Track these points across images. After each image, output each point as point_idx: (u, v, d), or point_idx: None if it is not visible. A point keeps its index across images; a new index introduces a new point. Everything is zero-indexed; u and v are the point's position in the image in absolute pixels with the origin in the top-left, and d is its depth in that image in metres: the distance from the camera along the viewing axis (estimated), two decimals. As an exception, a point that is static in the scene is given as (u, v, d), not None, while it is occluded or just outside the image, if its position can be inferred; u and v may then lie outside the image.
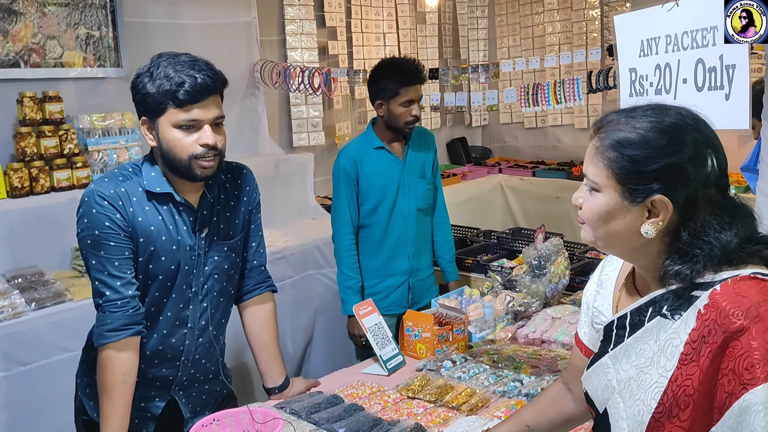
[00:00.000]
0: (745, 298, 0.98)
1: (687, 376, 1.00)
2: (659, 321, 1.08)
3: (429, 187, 2.81)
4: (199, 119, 1.59)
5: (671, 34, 1.95)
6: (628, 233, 1.08)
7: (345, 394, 1.96)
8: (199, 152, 1.60)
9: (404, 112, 2.62)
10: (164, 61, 1.59)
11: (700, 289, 1.03)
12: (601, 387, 1.18)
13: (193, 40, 3.50)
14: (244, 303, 1.93)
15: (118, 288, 1.61)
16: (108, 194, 1.61)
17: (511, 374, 2.02)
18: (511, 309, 2.45)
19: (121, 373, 1.61)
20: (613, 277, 1.28)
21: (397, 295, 2.76)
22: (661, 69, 1.99)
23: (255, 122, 3.96)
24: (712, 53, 1.85)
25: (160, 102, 1.57)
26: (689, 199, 1.05)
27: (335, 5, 4.65)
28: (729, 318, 0.97)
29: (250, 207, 1.87)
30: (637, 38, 2.08)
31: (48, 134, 2.82)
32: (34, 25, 2.91)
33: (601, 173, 1.09)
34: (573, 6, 5.31)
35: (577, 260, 3.16)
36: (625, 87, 2.17)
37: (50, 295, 2.46)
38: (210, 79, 1.58)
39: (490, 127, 6.12)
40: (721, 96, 1.81)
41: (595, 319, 1.29)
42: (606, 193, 1.09)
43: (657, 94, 2.01)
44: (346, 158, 2.68)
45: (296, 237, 3.43)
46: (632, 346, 1.12)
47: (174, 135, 1.59)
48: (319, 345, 3.48)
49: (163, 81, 1.55)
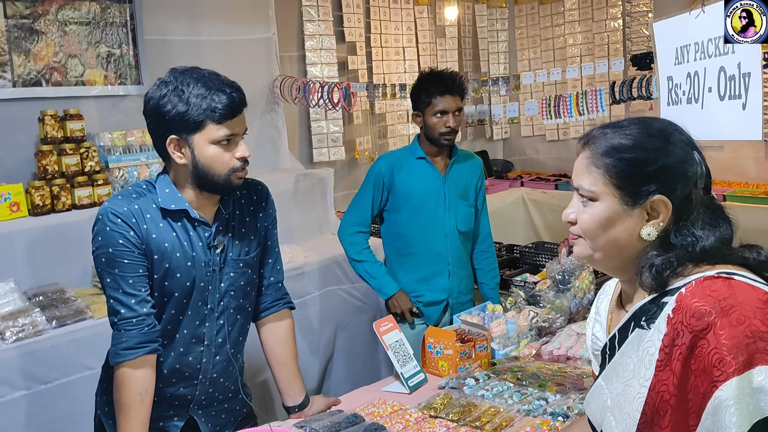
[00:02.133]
0: (709, 296, 0.98)
1: (663, 382, 1.00)
2: (638, 333, 1.08)
3: (471, 211, 2.79)
4: (236, 133, 1.62)
5: (699, 42, 1.91)
6: (629, 239, 1.09)
7: (366, 412, 1.92)
8: (238, 165, 1.64)
9: (438, 122, 2.61)
10: (187, 78, 1.58)
11: (669, 295, 1.04)
12: (599, 409, 1.18)
13: (213, 56, 3.52)
14: (262, 320, 1.91)
15: (132, 306, 1.60)
16: (121, 212, 1.60)
17: (535, 392, 1.96)
18: (534, 325, 2.39)
19: (138, 392, 1.59)
20: (606, 302, 1.30)
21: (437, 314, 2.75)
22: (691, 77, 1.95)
23: (275, 138, 3.97)
24: (732, 61, 1.81)
25: (197, 119, 1.57)
26: (685, 199, 1.07)
27: (354, 20, 4.66)
28: (694, 317, 0.97)
29: (267, 223, 1.85)
30: (673, 45, 2.04)
31: (69, 152, 2.84)
32: (55, 44, 2.95)
33: (598, 181, 1.10)
34: (594, 17, 5.26)
35: (602, 274, 3.09)
36: (664, 96, 2.13)
37: (71, 313, 2.46)
38: (242, 94, 1.63)
39: (512, 140, 6.08)
40: (739, 106, 1.77)
41: (594, 347, 1.29)
42: (604, 200, 1.09)
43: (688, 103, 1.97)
44: (384, 162, 2.71)
45: (316, 252, 3.41)
46: (619, 362, 1.12)
47: (213, 151, 1.61)
48: (340, 362, 3.44)
49: (198, 99, 1.56)
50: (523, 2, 5.75)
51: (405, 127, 5.03)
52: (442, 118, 2.60)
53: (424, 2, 5.16)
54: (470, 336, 2.27)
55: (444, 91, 2.59)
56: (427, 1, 5.18)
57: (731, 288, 0.98)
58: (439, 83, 2.60)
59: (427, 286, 2.73)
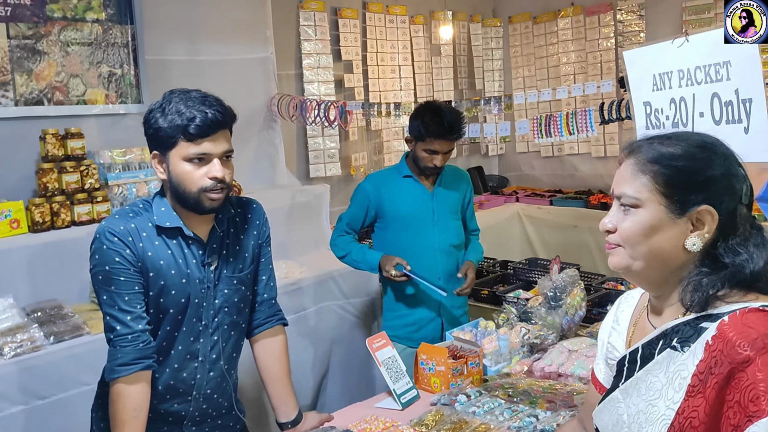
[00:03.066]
0: (752, 329, 0.97)
1: (693, 408, 1.00)
2: (669, 353, 1.07)
3: (460, 224, 2.85)
4: (208, 153, 1.63)
5: (683, 69, 1.96)
6: (672, 249, 1.08)
7: (358, 429, 1.95)
8: (208, 185, 1.63)
9: (427, 158, 2.66)
10: (176, 97, 1.64)
11: (708, 321, 1.03)
12: (612, 422, 1.17)
13: (212, 76, 3.58)
14: (255, 337, 1.94)
15: (128, 322, 1.63)
16: (118, 230, 1.64)
17: (526, 409, 1.99)
18: (526, 341, 2.43)
19: (133, 408, 1.62)
20: (629, 313, 1.29)
21: (429, 330, 2.76)
22: (677, 103, 2.00)
23: (272, 154, 4.02)
24: (727, 87, 1.85)
25: (171, 136, 1.61)
26: (731, 213, 1.06)
27: (351, 39, 4.73)
28: (735, 349, 0.96)
29: (260, 241, 1.89)
30: (649, 73, 2.09)
31: (70, 170, 2.88)
32: (57, 64, 3.00)
33: (644, 188, 1.08)
34: (587, 37, 5.34)
35: (594, 291, 3.13)
36: (641, 120, 2.18)
37: (68, 329, 2.49)
38: (220, 114, 1.63)
39: (507, 156, 6.13)
40: (740, 129, 1.81)
41: (609, 355, 1.29)
42: (649, 207, 1.08)
43: (674, 127, 2.02)
44: (370, 182, 2.77)
45: (312, 268, 3.44)
46: (642, 379, 1.11)
47: (184, 168, 1.63)
48: (335, 377, 3.46)
49: (174, 116, 1.60)
50: (518, 21, 5.84)
51: (400, 143, 5.09)
52: (431, 156, 2.65)
53: (419, 21, 5.24)
54: (462, 352, 2.30)
55: (441, 135, 2.61)
56: (422, 21, 5.26)
57: None
58: (438, 127, 2.60)
59: (420, 302, 2.77)
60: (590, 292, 3.08)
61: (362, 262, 2.74)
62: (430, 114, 2.64)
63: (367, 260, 2.72)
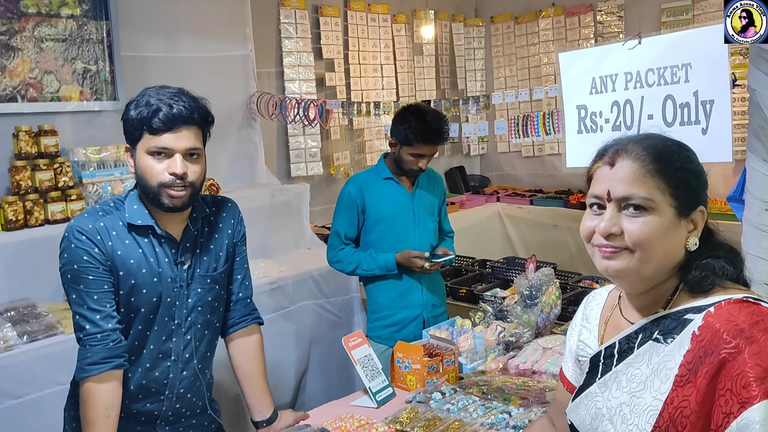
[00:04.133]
0: (738, 319, 1.00)
1: (684, 398, 1.01)
2: (651, 345, 1.09)
3: (436, 225, 2.86)
4: (169, 147, 1.60)
5: (632, 72, 1.97)
6: (677, 250, 1.09)
7: (333, 427, 1.95)
8: (167, 180, 1.61)
9: (411, 161, 2.66)
10: (150, 90, 1.63)
11: (692, 313, 1.05)
12: (590, 416, 1.18)
13: (190, 73, 3.55)
14: (230, 336, 1.93)
15: (97, 321, 1.62)
16: (86, 229, 1.63)
17: (500, 406, 2.00)
18: (502, 339, 2.44)
19: (103, 407, 1.60)
20: (597, 311, 1.31)
21: (411, 329, 2.76)
22: (620, 106, 2.01)
23: (252, 153, 4.00)
24: (684, 89, 1.87)
25: (137, 128, 1.60)
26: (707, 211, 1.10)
27: (332, 38, 4.73)
28: (723, 338, 0.99)
29: (235, 240, 1.88)
30: (587, 75, 2.10)
31: (43, 167, 2.85)
32: (31, 60, 2.96)
33: (656, 190, 1.06)
34: (567, 37, 5.38)
35: (570, 290, 3.15)
36: (573, 124, 2.18)
37: (42, 328, 2.47)
38: (186, 110, 1.60)
39: (488, 155, 6.16)
40: (698, 131, 1.84)
41: (580, 353, 1.30)
42: (662, 210, 1.06)
43: (615, 130, 2.02)
44: (353, 185, 2.75)
45: (292, 267, 3.44)
46: (623, 372, 1.13)
47: (146, 161, 1.62)
48: (314, 376, 3.46)
49: (142, 108, 1.59)
50: (499, 21, 5.86)
51: (382, 143, 5.09)
52: (416, 160, 2.65)
53: (401, 20, 5.24)
54: (438, 350, 2.31)
55: (427, 140, 2.61)
56: (404, 20, 5.27)
57: (761, 314, 1.00)
58: (423, 132, 2.60)
59: (402, 303, 2.77)
60: (566, 291, 3.10)
61: (376, 269, 2.71)
62: (417, 119, 2.62)
63: (381, 265, 2.69)
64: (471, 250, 4.49)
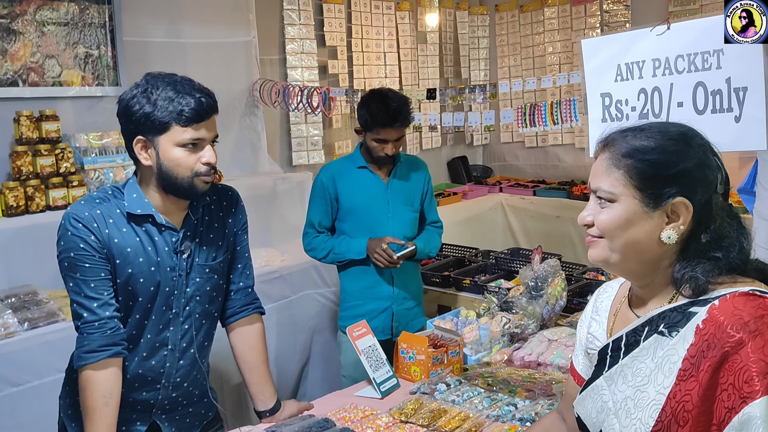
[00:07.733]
0: (742, 312, 0.99)
1: (686, 392, 1.00)
2: (656, 339, 1.08)
3: (416, 216, 2.78)
4: (203, 138, 1.62)
5: (660, 58, 1.93)
6: (648, 241, 1.08)
7: (337, 417, 1.93)
8: (203, 170, 1.64)
9: (377, 147, 2.61)
10: (161, 81, 1.60)
11: (697, 306, 1.04)
12: (596, 409, 1.17)
13: (192, 59, 3.51)
14: (231, 325, 1.91)
15: (94, 309, 1.61)
16: (82, 216, 1.61)
17: (505, 398, 1.99)
18: (507, 331, 2.42)
19: (102, 395, 1.59)
20: (608, 303, 1.29)
21: (379, 321, 2.71)
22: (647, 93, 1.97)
23: (254, 141, 3.97)
24: (716, 76, 1.84)
25: (163, 120, 1.58)
26: (706, 203, 1.07)
27: (336, 25, 4.68)
28: (727, 332, 0.97)
29: (236, 229, 1.86)
30: (613, 62, 2.06)
31: (44, 153, 2.82)
32: (33, 44, 2.93)
33: (618, 182, 1.09)
34: (573, 26, 5.33)
35: (575, 281, 3.13)
36: (597, 112, 2.15)
37: (43, 315, 2.45)
38: (212, 100, 1.63)
39: (491, 146, 6.13)
40: (730, 118, 1.80)
41: (589, 345, 1.29)
42: (623, 201, 1.09)
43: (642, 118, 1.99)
44: (325, 174, 2.71)
45: (293, 256, 3.41)
46: (628, 366, 1.12)
47: (177, 154, 1.61)
48: (316, 365, 3.45)
49: (165, 102, 1.57)
50: (504, 10, 5.81)
51: (385, 131, 5.05)
52: (381, 146, 2.60)
53: (405, 8, 5.19)
54: (443, 341, 2.29)
55: (387, 124, 2.55)
56: (408, 7, 5.22)
57: (766, 308, 0.99)
58: (383, 116, 2.54)
59: (370, 293, 2.72)
60: (571, 282, 3.08)
61: (347, 252, 2.66)
62: (376, 102, 2.57)
63: (353, 248, 2.65)
64: (473, 240, 4.47)
